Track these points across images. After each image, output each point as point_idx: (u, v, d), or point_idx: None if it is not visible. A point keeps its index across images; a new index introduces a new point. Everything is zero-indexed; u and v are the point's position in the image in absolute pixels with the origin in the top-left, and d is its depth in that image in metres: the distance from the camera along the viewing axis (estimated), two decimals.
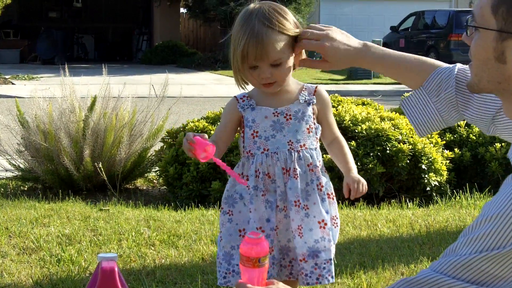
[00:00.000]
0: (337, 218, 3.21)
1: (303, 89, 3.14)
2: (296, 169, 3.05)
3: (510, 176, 1.84)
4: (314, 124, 3.12)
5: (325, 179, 3.14)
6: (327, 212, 3.12)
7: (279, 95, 3.08)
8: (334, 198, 3.18)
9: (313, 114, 3.12)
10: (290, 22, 2.93)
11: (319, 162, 3.13)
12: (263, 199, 3.04)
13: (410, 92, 2.51)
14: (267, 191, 3.06)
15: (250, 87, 3.13)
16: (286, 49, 2.93)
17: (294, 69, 3.03)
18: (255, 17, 2.91)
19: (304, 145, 3.08)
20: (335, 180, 6.16)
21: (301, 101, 3.09)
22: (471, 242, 1.81)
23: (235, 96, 3.15)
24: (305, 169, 3.08)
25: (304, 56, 3.02)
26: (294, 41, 2.92)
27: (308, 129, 3.09)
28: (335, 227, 3.21)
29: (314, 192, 3.09)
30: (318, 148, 3.15)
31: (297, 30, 2.93)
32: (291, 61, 2.98)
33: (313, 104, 3.12)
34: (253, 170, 3.05)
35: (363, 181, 3.11)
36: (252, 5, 2.98)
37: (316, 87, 3.18)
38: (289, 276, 3.15)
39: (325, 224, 3.11)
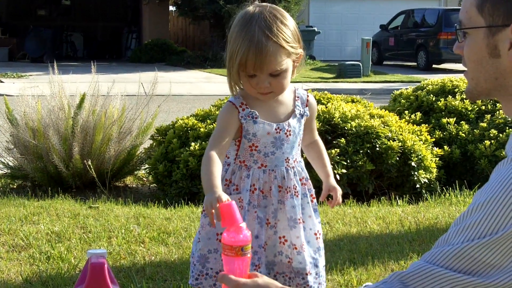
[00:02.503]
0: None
1: (297, 97, 3.07)
2: (296, 187, 3.03)
3: (499, 164, 1.84)
4: (302, 135, 3.11)
5: (313, 189, 3.14)
6: (319, 222, 3.13)
7: (277, 105, 3.01)
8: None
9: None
10: (291, 30, 2.87)
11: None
12: (254, 215, 2.99)
13: None
14: (259, 206, 3.01)
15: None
16: (285, 59, 2.86)
17: (292, 74, 2.96)
18: (255, 23, 2.81)
19: (296, 159, 3.07)
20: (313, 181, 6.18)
21: (297, 114, 3.04)
22: (463, 230, 1.81)
23: (232, 103, 2.98)
24: (299, 184, 3.07)
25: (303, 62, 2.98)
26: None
27: (299, 143, 3.08)
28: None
29: (308, 205, 3.09)
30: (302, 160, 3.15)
31: (296, 45, 2.87)
32: (290, 69, 2.91)
33: (306, 117, 3.08)
34: (248, 185, 2.98)
35: (340, 190, 3.17)
36: (251, 8, 2.88)
37: (307, 96, 3.12)
38: None
39: (320, 234, 3.13)
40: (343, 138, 6.43)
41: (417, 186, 6.61)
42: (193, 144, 6.47)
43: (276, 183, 3.00)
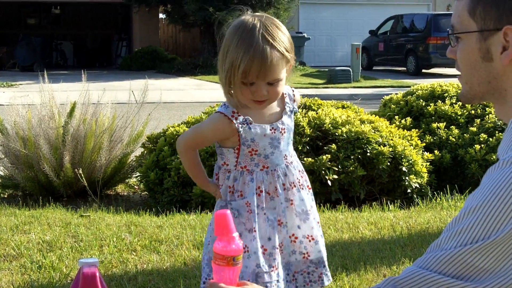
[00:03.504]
0: None
1: (284, 95, 3.09)
2: (299, 179, 3.08)
3: (491, 168, 1.84)
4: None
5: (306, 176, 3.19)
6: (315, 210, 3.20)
7: (267, 107, 3.01)
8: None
9: None
10: (288, 39, 2.91)
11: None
12: (264, 217, 3.02)
13: None
14: (268, 209, 3.03)
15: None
16: (284, 68, 2.90)
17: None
18: (258, 32, 2.82)
19: (291, 154, 3.11)
20: (316, 183, 6.18)
21: (287, 111, 3.07)
22: (455, 235, 1.81)
23: (223, 114, 2.98)
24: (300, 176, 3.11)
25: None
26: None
27: (291, 138, 3.12)
28: None
29: (308, 195, 3.13)
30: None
31: (292, 55, 2.91)
32: (285, 78, 2.94)
33: (295, 113, 3.13)
34: (254, 188, 3.00)
35: None
36: (249, 18, 2.88)
37: (293, 92, 3.15)
38: None
39: (319, 221, 3.19)
40: (334, 144, 6.43)
41: (408, 191, 6.62)
42: None
43: (280, 181, 3.03)
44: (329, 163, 6.30)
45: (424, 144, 7.18)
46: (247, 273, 2.96)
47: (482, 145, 7.01)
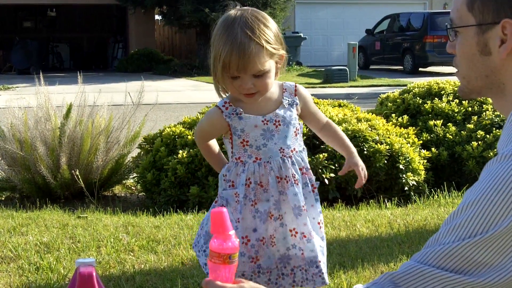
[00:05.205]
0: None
1: (284, 89, 3.10)
2: (295, 175, 3.03)
3: (489, 162, 1.83)
4: (299, 124, 3.11)
5: (314, 178, 3.16)
6: (320, 212, 3.15)
7: (263, 100, 3.02)
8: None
9: (297, 114, 3.12)
10: (273, 31, 2.90)
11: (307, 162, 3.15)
12: (251, 208, 3.00)
13: None
14: (259, 200, 3.02)
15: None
16: (268, 60, 2.88)
17: (276, 75, 2.99)
18: (237, 25, 2.83)
19: (294, 149, 3.07)
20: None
21: (285, 104, 3.06)
22: (454, 230, 1.80)
23: (216, 106, 3.04)
24: (299, 173, 3.07)
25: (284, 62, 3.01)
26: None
27: (295, 132, 3.08)
28: None
29: (310, 194, 3.10)
30: (305, 148, 3.16)
31: (278, 46, 2.90)
32: (273, 70, 2.93)
33: (296, 105, 3.10)
34: (243, 179, 3.00)
35: (363, 166, 3.23)
36: (233, 12, 2.91)
37: (295, 86, 3.14)
38: (293, 284, 3.12)
39: (322, 223, 3.14)
40: None
41: (406, 188, 6.62)
42: (180, 152, 6.47)
43: (273, 174, 3.01)
44: (326, 161, 6.30)
45: (421, 141, 7.18)
46: None
47: (479, 142, 7.01)
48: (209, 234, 3.10)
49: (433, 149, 7.17)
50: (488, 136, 7.06)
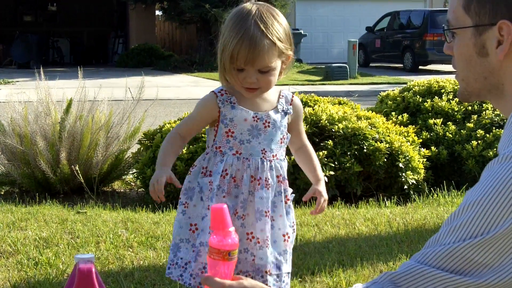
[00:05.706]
0: (294, 223, 3.14)
1: (281, 96, 3.08)
2: (269, 179, 2.98)
3: (490, 163, 1.83)
4: (286, 134, 3.08)
5: (290, 190, 3.10)
6: (290, 226, 3.07)
7: (260, 99, 3.01)
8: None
9: (287, 124, 3.09)
10: (285, 30, 2.90)
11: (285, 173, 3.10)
12: (222, 200, 2.95)
13: None
14: (229, 194, 2.98)
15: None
16: (276, 58, 2.88)
17: (279, 75, 2.98)
18: (251, 18, 2.83)
19: (275, 155, 3.03)
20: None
21: (279, 109, 3.04)
22: (454, 230, 1.80)
23: (213, 91, 3.03)
24: (275, 180, 3.02)
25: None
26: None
27: (281, 139, 3.05)
28: (293, 232, 3.13)
29: (281, 204, 3.03)
30: (286, 159, 3.12)
31: (288, 46, 2.90)
32: (278, 68, 2.92)
33: (289, 115, 3.08)
34: (220, 169, 2.96)
35: (327, 198, 3.14)
36: (249, 4, 2.90)
37: (292, 96, 3.13)
38: None
39: (288, 237, 3.05)
40: (330, 140, 6.43)
41: (405, 187, 6.62)
42: None
43: (249, 172, 2.97)
44: (326, 159, 6.30)
45: (421, 140, 7.18)
46: (195, 248, 3.00)
47: (479, 141, 7.01)
48: (176, 246, 3.07)
49: (432, 147, 7.17)
50: (488, 135, 7.06)
